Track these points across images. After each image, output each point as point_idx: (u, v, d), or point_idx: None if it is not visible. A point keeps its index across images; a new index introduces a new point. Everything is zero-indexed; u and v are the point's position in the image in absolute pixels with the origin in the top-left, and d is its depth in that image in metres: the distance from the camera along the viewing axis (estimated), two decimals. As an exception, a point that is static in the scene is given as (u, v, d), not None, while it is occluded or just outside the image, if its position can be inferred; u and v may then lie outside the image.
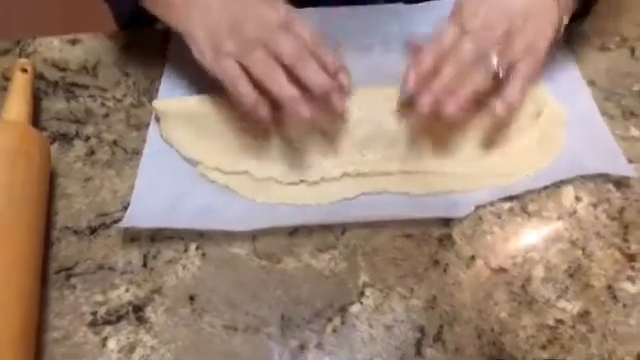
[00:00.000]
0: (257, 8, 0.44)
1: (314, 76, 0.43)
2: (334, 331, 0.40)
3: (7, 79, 0.52)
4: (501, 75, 0.44)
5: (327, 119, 0.46)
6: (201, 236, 0.44)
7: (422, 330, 0.39)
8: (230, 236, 0.43)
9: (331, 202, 0.45)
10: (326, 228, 0.44)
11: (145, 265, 0.43)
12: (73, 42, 0.57)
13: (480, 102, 0.46)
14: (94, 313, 0.40)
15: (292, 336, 0.39)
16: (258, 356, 0.38)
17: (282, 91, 0.42)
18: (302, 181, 0.46)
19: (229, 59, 0.44)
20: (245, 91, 0.43)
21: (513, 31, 0.45)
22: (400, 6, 0.57)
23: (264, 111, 0.44)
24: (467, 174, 0.47)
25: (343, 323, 0.40)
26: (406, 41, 0.52)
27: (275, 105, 0.44)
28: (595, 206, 0.45)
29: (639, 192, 0.46)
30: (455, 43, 0.45)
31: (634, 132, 0.49)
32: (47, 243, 0.43)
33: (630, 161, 0.47)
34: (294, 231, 0.44)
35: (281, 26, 0.43)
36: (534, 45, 0.45)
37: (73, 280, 0.42)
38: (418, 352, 0.39)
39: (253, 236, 0.44)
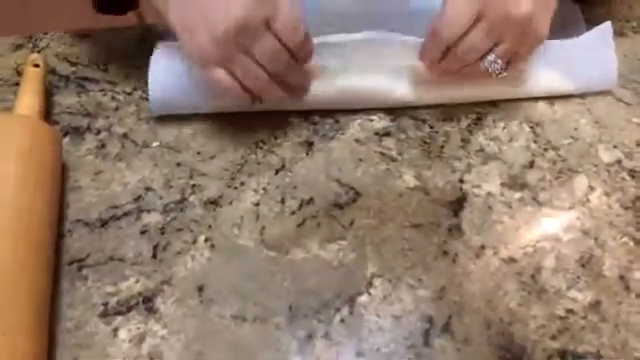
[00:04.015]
0: (231, 4, 0.41)
1: (294, 81, 0.47)
2: (342, 321, 0.40)
3: (20, 74, 0.53)
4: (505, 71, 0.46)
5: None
6: (209, 228, 0.44)
7: (430, 320, 0.39)
8: (238, 227, 0.44)
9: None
10: (334, 219, 0.44)
11: (155, 256, 0.43)
12: (83, 37, 0.58)
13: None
14: (105, 304, 0.41)
15: (300, 326, 0.39)
16: (266, 346, 0.39)
17: (268, 95, 0.46)
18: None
19: (215, 68, 0.44)
20: (238, 96, 0.46)
21: (524, 22, 0.43)
22: None
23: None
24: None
25: (351, 313, 0.40)
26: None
27: None
28: (608, 195, 0.45)
29: (654, 180, 0.45)
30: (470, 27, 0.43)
31: (649, 119, 0.49)
32: (59, 235, 0.44)
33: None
34: (302, 222, 0.44)
35: (260, 26, 0.42)
36: (538, 32, 0.44)
37: (85, 271, 0.42)
38: (426, 342, 0.38)
39: (261, 227, 0.44)
